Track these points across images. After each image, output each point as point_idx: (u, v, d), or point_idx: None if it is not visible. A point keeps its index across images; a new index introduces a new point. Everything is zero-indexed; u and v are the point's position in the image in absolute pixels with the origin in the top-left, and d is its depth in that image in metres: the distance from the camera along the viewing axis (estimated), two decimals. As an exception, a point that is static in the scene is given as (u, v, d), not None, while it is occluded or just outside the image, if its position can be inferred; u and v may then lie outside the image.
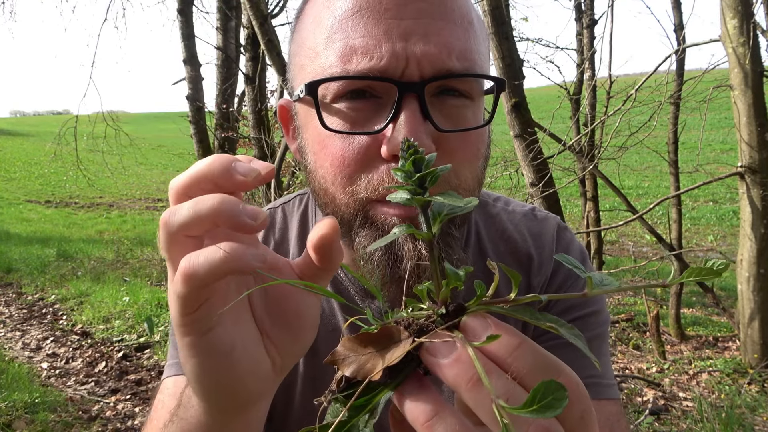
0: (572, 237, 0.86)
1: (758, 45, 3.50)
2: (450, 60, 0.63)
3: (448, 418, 0.35)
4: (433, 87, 0.65)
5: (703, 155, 5.21)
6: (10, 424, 3.23)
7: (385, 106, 0.64)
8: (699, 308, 5.62)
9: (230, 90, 6.70)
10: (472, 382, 0.35)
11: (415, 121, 0.62)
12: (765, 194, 3.52)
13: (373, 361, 0.37)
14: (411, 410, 0.36)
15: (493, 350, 0.36)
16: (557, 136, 4.27)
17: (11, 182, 17.43)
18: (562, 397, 0.31)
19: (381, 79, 0.63)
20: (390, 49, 0.62)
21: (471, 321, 0.37)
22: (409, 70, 0.62)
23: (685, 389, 3.74)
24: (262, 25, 3.56)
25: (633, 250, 8.06)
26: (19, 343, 4.80)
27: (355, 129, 0.65)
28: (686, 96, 4.70)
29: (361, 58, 0.62)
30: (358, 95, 0.65)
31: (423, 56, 0.62)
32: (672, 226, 4.84)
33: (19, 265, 7.26)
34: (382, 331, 0.38)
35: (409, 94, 0.62)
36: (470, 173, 0.68)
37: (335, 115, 0.66)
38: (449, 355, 0.36)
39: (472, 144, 0.68)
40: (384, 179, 0.64)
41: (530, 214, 0.87)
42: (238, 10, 6.55)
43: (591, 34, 5.87)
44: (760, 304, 3.67)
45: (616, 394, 0.79)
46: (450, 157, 0.65)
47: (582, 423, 0.36)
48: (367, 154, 0.65)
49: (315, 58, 0.67)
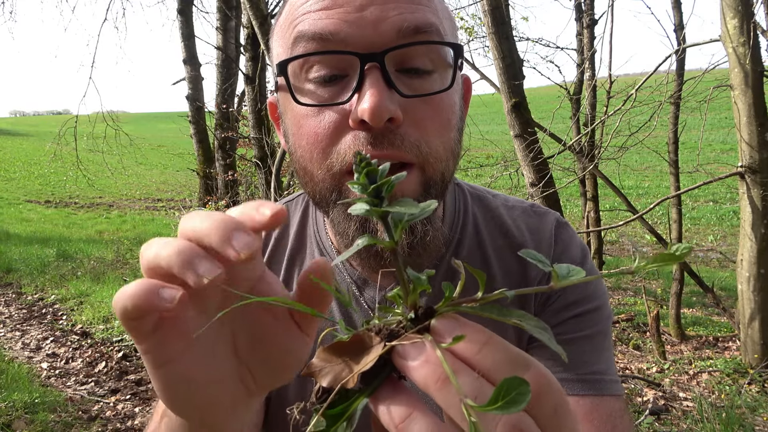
0: (572, 233, 0.86)
1: (758, 45, 3.50)
2: (407, 24, 0.65)
3: (422, 419, 0.36)
4: (395, 61, 0.66)
5: (703, 155, 5.21)
6: (10, 424, 3.23)
7: (351, 82, 0.66)
8: (699, 308, 5.62)
9: (230, 90, 6.71)
10: (440, 382, 0.35)
11: (379, 88, 0.63)
12: (765, 194, 3.52)
13: (347, 369, 0.38)
14: (384, 413, 0.37)
15: (461, 350, 0.36)
16: (557, 136, 4.27)
17: (11, 182, 17.43)
18: (525, 392, 0.31)
19: (342, 52, 0.65)
20: (349, 21, 0.65)
21: (439, 323, 0.38)
22: (369, 41, 0.65)
23: (685, 389, 3.74)
24: (262, 25, 3.56)
25: (633, 250, 8.06)
26: (19, 343, 4.80)
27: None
28: (686, 96, 4.70)
29: (320, 34, 0.65)
30: (329, 80, 0.67)
31: (382, 25, 0.65)
32: (672, 226, 4.84)
33: (19, 265, 7.26)
34: (354, 338, 0.39)
35: (372, 65, 0.64)
36: (441, 143, 0.69)
37: (307, 96, 0.69)
38: (418, 356, 0.36)
39: (442, 112, 0.69)
40: (350, 146, 0.66)
41: (529, 209, 0.87)
42: (238, 10, 6.55)
43: (591, 34, 5.87)
44: (761, 304, 3.66)
45: (619, 390, 0.78)
46: (418, 125, 0.66)
47: (555, 417, 0.36)
48: (338, 128, 0.67)
49: (282, 40, 0.71)
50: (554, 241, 0.83)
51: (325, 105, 0.67)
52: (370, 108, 0.62)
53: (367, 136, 0.65)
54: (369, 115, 0.62)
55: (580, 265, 0.79)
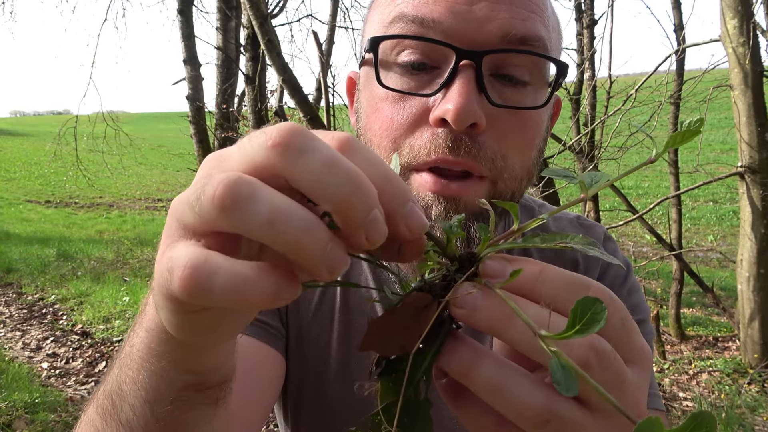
0: (616, 248, 0.85)
1: (758, 45, 3.51)
2: (515, 31, 0.60)
3: (487, 364, 0.35)
4: (492, 65, 0.62)
5: (703, 155, 5.21)
6: (10, 424, 3.23)
7: (441, 75, 0.62)
8: (699, 308, 5.62)
9: (230, 90, 6.71)
10: (507, 321, 0.34)
11: (469, 89, 0.59)
12: (765, 194, 3.52)
13: (405, 334, 0.36)
14: (449, 366, 0.36)
15: (518, 284, 0.36)
16: (557, 136, 4.28)
17: (11, 182, 17.42)
18: (601, 309, 0.31)
19: (440, 43, 0.61)
20: (455, 12, 0.60)
21: (488, 264, 0.37)
22: (471, 38, 0.60)
23: (685, 389, 3.74)
24: (262, 25, 3.56)
25: (633, 250, 8.06)
26: (19, 343, 4.80)
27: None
28: (686, 96, 4.70)
29: (422, 18, 0.61)
30: (418, 68, 0.63)
31: (488, 25, 0.60)
32: (672, 226, 4.83)
33: (19, 265, 7.25)
34: (406, 302, 0.37)
35: (467, 62, 0.60)
36: (519, 160, 0.65)
37: (391, 79, 0.65)
38: (477, 302, 0.35)
39: (528, 129, 0.65)
40: (425, 144, 0.62)
41: (576, 221, 0.87)
42: (238, 10, 6.55)
43: (591, 34, 5.86)
44: (760, 304, 3.66)
45: (661, 404, 0.77)
46: (499, 137, 0.62)
47: (624, 330, 0.36)
48: (416, 120, 0.63)
49: (380, 15, 0.67)
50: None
51: (408, 93, 0.63)
52: (455, 109, 0.58)
53: (446, 138, 0.61)
54: (452, 116, 0.58)
55: (624, 279, 0.81)
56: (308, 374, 0.79)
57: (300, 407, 0.81)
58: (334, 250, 0.28)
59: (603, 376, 0.34)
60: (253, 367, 0.71)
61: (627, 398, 0.35)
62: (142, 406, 0.43)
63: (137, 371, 0.42)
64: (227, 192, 0.28)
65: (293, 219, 0.28)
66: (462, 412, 0.38)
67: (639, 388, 0.37)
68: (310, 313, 0.79)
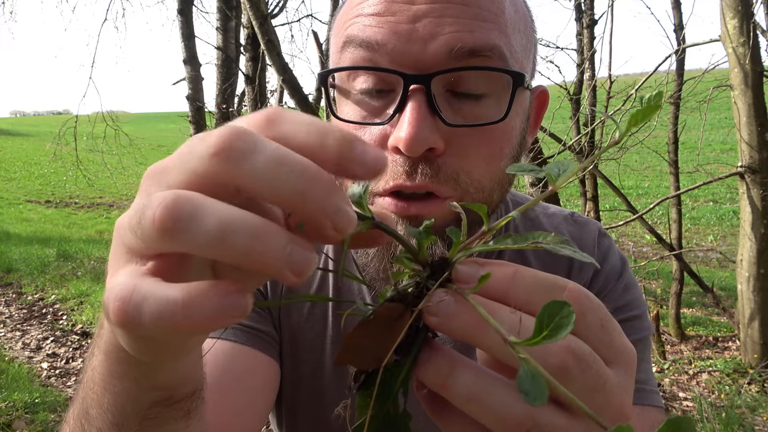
0: (611, 243, 0.84)
1: (758, 45, 3.51)
2: (461, 45, 0.58)
3: (464, 373, 0.34)
4: (444, 82, 0.60)
5: (703, 155, 5.21)
6: (10, 424, 3.23)
7: (396, 98, 0.61)
8: (699, 308, 5.61)
9: (230, 90, 6.70)
10: (478, 328, 0.33)
11: (419, 115, 0.58)
12: (765, 194, 3.52)
13: (380, 346, 0.35)
14: (426, 377, 0.35)
15: (492, 288, 0.35)
16: (557, 136, 4.28)
17: (11, 182, 17.42)
18: (568, 313, 0.30)
19: (384, 70, 0.60)
20: (399, 32, 0.59)
21: (460, 269, 0.36)
22: (416, 59, 0.59)
23: (685, 389, 3.74)
24: (262, 25, 3.56)
25: (633, 250, 8.06)
26: (19, 343, 4.80)
27: (368, 120, 0.63)
28: (686, 96, 4.70)
29: (367, 42, 0.60)
30: (376, 92, 0.63)
31: (432, 43, 0.59)
32: (672, 226, 4.83)
33: (19, 265, 7.25)
34: (379, 313, 0.36)
35: (416, 87, 0.58)
36: (486, 173, 0.63)
37: (352, 105, 0.64)
38: (448, 310, 0.34)
39: (493, 141, 0.63)
40: (385, 171, 0.62)
41: (570, 218, 0.86)
42: (238, 10, 6.55)
43: (591, 34, 5.86)
44: (760, 304, 3.66)
45: (660, 401, 0.76)
46: (461, 155, 0.61)
47: (603, 331, 0.35)
48: (378, 145, 0.62)
49: (336, 38, 0.67)
50: (596, 251, 0.82)
51: (363, 123, 0.63)
52: (406, 139, 0.57)
53: (404, 164, 0.60)
54: (404, 146, 0.58)
55: (620, 275, 0.80)
56: (303, 378, 0.79)
57: (295, 412, 0.81)
58: (296, 251, 0.26)
59: (583, 379, 0.33)
60: (245, 375, 0.70)
61: (610, 400, 0.34)
62: (110, 429, 0.41)
63: (101, 394, 0.41)
64: (167, 214, 0.26)
65: (242, 229, 0.26)
66: (444, 423, 0.37)
67: (623, 389, 0.36)
68: (303, 316, 0.79)
